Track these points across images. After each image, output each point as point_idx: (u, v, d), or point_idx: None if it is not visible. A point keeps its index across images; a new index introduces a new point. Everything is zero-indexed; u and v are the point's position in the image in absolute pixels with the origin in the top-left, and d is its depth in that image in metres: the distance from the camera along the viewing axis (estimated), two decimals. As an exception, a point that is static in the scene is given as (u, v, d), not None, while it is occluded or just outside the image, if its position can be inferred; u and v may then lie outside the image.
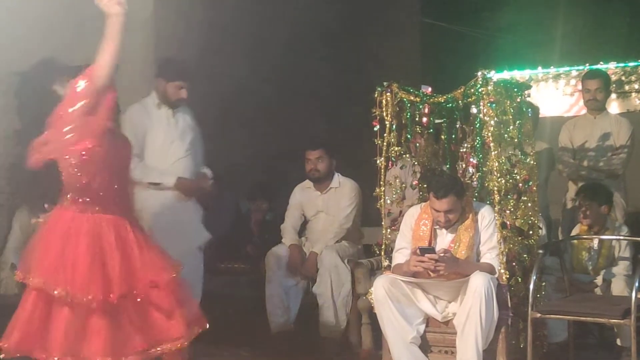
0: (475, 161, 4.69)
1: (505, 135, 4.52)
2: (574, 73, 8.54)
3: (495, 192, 4.40)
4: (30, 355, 3.63)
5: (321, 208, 5.70)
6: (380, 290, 4.33)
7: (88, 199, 3.65)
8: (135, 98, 6.08)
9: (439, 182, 4.38)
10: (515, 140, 4.58)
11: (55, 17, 6.37)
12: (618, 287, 4.89)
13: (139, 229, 3.79)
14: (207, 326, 3.85)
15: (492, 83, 4.41)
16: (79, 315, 3.54)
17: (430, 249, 4.34)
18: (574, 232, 5.27)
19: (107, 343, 3.53)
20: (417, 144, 4.98)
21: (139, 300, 3.60)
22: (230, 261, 6.11)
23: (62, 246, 3.60)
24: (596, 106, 5.78)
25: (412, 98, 4.75)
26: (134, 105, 5.05)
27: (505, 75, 8.27)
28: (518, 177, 4.57)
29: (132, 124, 4.87)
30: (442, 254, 4.27)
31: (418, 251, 4.31)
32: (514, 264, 4.43)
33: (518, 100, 4.65)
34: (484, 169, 4.64)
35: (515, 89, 4.68)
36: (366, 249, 5.56)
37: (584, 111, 6.11)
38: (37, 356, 3.60)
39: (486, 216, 4.45)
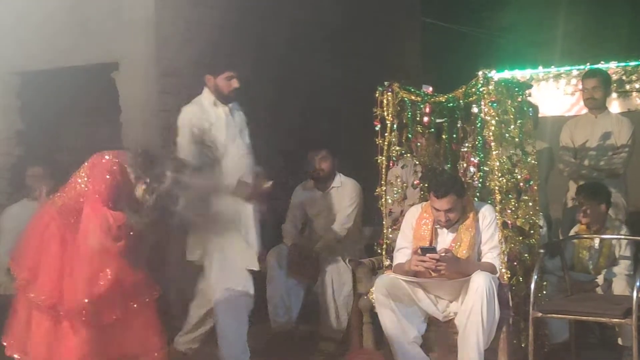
0: (476, 160, 4.69)
1: (507, 135, 4.53)
2: (575, 72, 8.53)
3: (497, 191, 4.40)
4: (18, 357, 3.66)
5: (323, 207, 5.70)
6: (382, 290, 4.33)
7: (73, 220, 3.67)
8: (136, 96, 6.09)
9: (439, 181, 4.39)
10: (516, 139, 4.58)
11: (57, 19, 6.38)
12: (619, 287, 4.89)
13: None
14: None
15: (493, 82, 4.41)
16: (52, 319, 3.56)
17: (432, 249, 4.34)
18: (573, 232, 5.27)
19: (82, 351, 3.54)
20: (418, 144, 4.98)
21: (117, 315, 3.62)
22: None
23: (38, 245, 3.64)
24: (594, 105, 5.79)
25: (413, 97, 4.76)
26: (188, 107, 4.81)
27: (506, 74, 8.26)
28: (519, 177, 4.57)
29: (189, 126, 4.69)
30: (443, 254, 4.28)
31: (419, 251, 4.31)
32: (515, 263, 4.44)
33: (519, 99, 4.66)
34: (485, 168, 4.64)
35: (516, 89, 4.68)
36: (367, 248, 5.56)
37: (584, 110, 6.12)
38: (19, 355, 3.62)
39: (487, 215, 4.45)
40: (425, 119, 4.78)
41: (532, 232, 4.60)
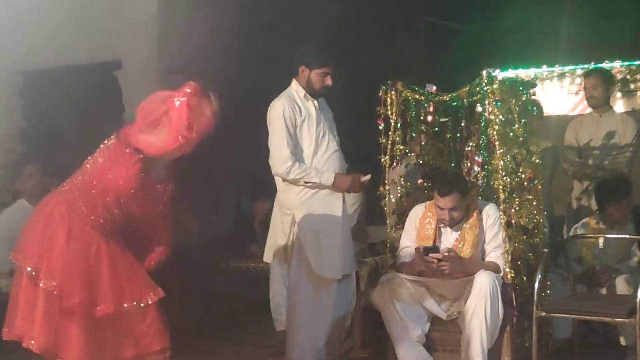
0: (480, 160, 4.69)
1: (511, 134, 4.51)
2: (579, 71, 8.49)
3: (501, 190, 4.39)
4: (22, 343, 3.63)
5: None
6: (385, 289, 4.33)
7: (84, 210, 3.64)
8: (139, 93, 6.08)
9: (443, 180, 4.38)
10: (520, 138, 4.57)
11: (60, 17, 6.38)
12: (623, 286, 4.87)
13: (121, 250, 3.72)
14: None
15: (497, 81, 4.41)
16: (58, 308, 3.54)
17: (435, 248, 4.33)
18: (581, 225, 5.22)
19: (85, 347, 3.53)
20: (422, 143, 4.97)
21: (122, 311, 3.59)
22: (234, 260, 6.11)
23: (43, 233, 3.61)
24: (595, 103, 5.80)
25: (417, 96, 4.76)
26: (278, 100, 4.68)
27: (510, 73, 8.23)
28: (523, 176, 4.56)
29: (282, 119, 4.58)
30: (446, 253, 4.27)
31: (422, 250, 4.30)
32: (519, 262, 4.43)
33: (523, 98, 4.65)
34: (489, 167, 4.63)
35: (521, 88, 4.67)
36: (371, 247, 5.55)
37: (589, 110, 6.11)
38: (25, 345, 3.60)
39: (491, 214, 4.44)
40: (429, 118, 4.77)
41: (536, 231, 4.59)
